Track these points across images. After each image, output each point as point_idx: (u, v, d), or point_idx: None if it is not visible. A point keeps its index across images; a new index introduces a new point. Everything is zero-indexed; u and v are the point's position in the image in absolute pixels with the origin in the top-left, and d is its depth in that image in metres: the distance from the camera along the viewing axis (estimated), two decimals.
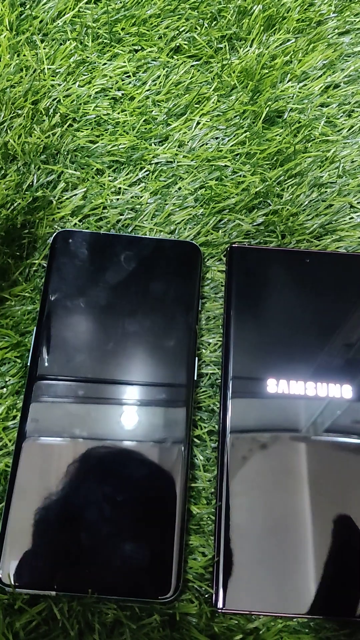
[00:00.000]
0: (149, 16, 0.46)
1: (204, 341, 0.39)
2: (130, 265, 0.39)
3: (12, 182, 0.41)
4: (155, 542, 0.32)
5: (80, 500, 0.33)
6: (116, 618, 0.32)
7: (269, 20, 0.47)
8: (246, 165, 0.43)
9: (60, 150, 0.42)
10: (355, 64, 0.47)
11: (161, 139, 0.44)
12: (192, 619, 0.32)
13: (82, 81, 0.44)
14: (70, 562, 0.32)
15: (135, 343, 0.37)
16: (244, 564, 0.33)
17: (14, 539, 0.32)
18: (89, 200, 0.41)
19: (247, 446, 0.35)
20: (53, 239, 0.39)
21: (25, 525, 0.32)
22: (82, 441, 0.34)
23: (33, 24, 0.45)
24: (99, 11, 0.46)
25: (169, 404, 0.36)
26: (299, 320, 0.38)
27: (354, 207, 0.43)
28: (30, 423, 0.34)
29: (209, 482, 0.35)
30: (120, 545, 0.32)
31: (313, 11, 0.48)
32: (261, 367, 0.37)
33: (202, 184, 0.42)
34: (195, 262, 0.39)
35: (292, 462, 0.35)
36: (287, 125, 0.44)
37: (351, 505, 0.34)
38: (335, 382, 0.37)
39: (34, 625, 0.31)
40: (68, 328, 0.37)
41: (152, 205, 0.41)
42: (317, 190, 0.43)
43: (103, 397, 0.36)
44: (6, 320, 0.37)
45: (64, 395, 0.35)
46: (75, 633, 0.31)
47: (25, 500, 0.33)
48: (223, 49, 0.46)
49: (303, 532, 0.33)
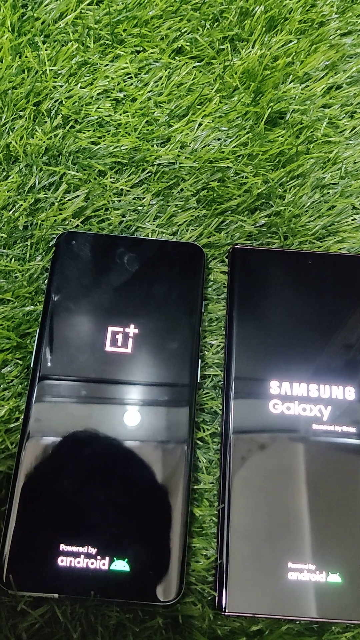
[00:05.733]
0: (150, 17, 0.46)
1: (207, 343, 0.39)
2: (133, 267, 0.39)
3: (14, 184, 0.41)
4: (158, 545, 0.32)
5: (83, 501, 0.33)
6: (119, 621, 0.32)
7: (271, 21, 0.47)
8: (248, 166, 0.43)
9: (62, 151, 0.42)
10: (357, 64, 0.47)
11: (163, 141, 0.43)
12: (195, 621, 0.32)
13: (84, 82, 0.44)
14: (73, 564, 0.32)
15: (138, 344, 0.37)
16: (247, 566, 0.33)
17: (16, 541, 0.32)
18: (91, 202, 0.41)
19: (250, 448, 0.35)
20: (57, 240, 0.39)
21: (28, 526, 0.32)
22: (84, 442, 0.34)
23: (35, 26, 0.45)
24: (101, 12, 0.46)
25: (172, 405, 0.35)
26: (302, 322, 0.38)
27: (356, 208, 0.43)
28: (34, 423, 0.34)
29: (211, 484, 0.35)
30: (123, 548, 0.32)
31: (315, 12, 0.48)
32: (264, 369, 0.37)
33: (204, 186, 0.42)
34: (199, 263, 0.39)
35: (295, 464, 0.35)
36: (290, 126, 0.44)
37: (355, 507, 0.34)
38: (338, 384, 0.37)
39: (37, 627, 0.31)
40: (71, 329, 0.37)
41: (154, 206, 0.41)
42: (319, 191, 0.43)
43: (106, 398, 0.36)
44: (8, 322, 0.37)
45: (66, 395, 0.35)
46: (78, 636, 0.31)
47: (27, 502, 0.33)
48: (225, 50, 0.46)
49: (306, 534, 0.33)
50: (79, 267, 0.39)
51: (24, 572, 0.32)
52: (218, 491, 0.35)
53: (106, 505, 0.33)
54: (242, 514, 0.34)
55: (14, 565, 0.32)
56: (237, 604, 0.32)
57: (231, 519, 0.34)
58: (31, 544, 0.32)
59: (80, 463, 0.34)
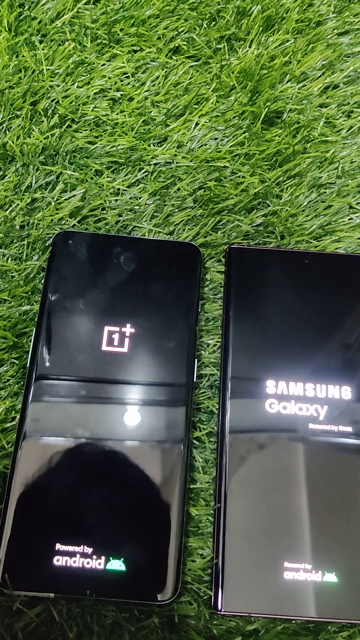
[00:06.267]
0: (147, 17, 0.46)
1: (203, 342, 0.39)
2: (130, 267, 0.39)
3: (11, 183, 0.41)
4: (154, 544, 0.32)
5: (78, 501, 0.33)
6: (115, 620, 0.32)
7: (268, 20, 0.47)
8: (245, 166, 0.43)
9: (59, 151, 0.42)
10: (354, 64, 0.47)
11: (160, 140, 0.43)
12: (191, 621, 0.32)
13: (81, 82, 0.44)
14: (69, 564, 0.32)
15: (134, 344, 0.37)
16: (243, 566, 0.33)
17: (12, 540, 0.32)
18: (87, 202, 0.41)
19: (246, 447, 0.35)
20: (53, 239, 0.39)
21: (24, 526, 0.32)
22: (80, 442, 0.34)
23: (32, 25, 0.45)
24: (98, 12, 0.46)
25: (169, 405, 0.35)
26: (298, 321, 0.38)
27: (353, 207, 0.43)
28: (30, 423, 0.34)
29: (207, 484, 0.35)
30: (118, 547, 0.32)
31: (312, 11, 0.48)
32: (260, 368, 0.37)
33: (201, 185, 0.42)
34: (195, 263, 0.39)
35: (291, 464, 0.35)
36: (286, 125, 0.44)
37: (350, 506, 0.34)
38: (335, 383, 0.37)
39: (33, 627, 0.31)
40: (67, 328, 0.37)
41: (151, 206, 0.41)
42: (316, 191, 0.43)
43: (102, 398, 0.36)
44: (4, 321, 0.37)
45: (63, 395, 0.35)
46: (74, 635, 0.31)
47: (23, 501, 0.33)
48: (222, 50, 0.46)
49: (302, 533, 0.33)
50: (75, 267, 0.39)
51: (19, 571, 0.32)
52: (214, 490, 0.35)
53: (102, 505, 0.33)
54: (238, 513, 0.34)
55: (10, 564, 0.32)
56: (233, 603, 0.32)
57: (227, 519, 0.34)
58: (27, 543, 0.32)
59: (76, 462, 0.34)
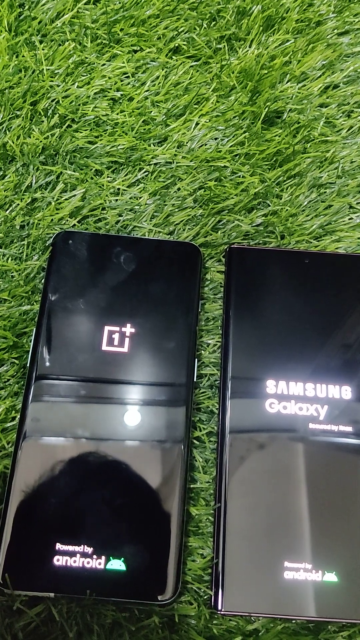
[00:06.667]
0: (147, 17, 0.46)
1: (203, 342, 0.39)
2: (130, 266, 0.39)
3: (11, 183, 0.41)
4: (154, 544, 0.32)
5: (79, 500, 0.33)
6: (115, 620, 0.32)
7: (268, 20, 0.47)
8: (245, 165, 0.43)
9: (59, 151, 0.42)
10: (354, 64, 0.47)
11: (160, 140, 0.43)
12: (191, 620, 0.32)
13: (81, 82, 0.44)
14: (69, 563, 0.32)
15: (134, 344, 0.37)
16: (243, 566, 0.33)
17: (12, 540, 0.32)
18: (87, 201, 0.41)
19: (246, 447, 0.35)
20: (53, 239, 0.39)
21: (24, 525, 0.32)
22: (80, 442, 0.34)
23: (32, 25, 0.45)
24: (98, 12, 0.46)
25: (169, 404, 0.35)
26: (298, 321, 0.38)
27: (353, 207, 0.43)
28: (30, 423, 0.34)
29: (207, 484, 0.35)
30: (119, 547, 0.32)
31: (312, 11, 0.48)
32: (260, 368, 0.37)
33: (201, 185, 0.42)
34: (195, 263, 0.39)
35: (291, 463, 0.35)
36: (287, 125, 0.44)
37: (350, 506, 0.34)
38: (335, 383, 0.37)
39: (33, 626, 0.31)
40: (68, 328, 0.37)
41: (151, 206, 0.41)
42: (316, 190, 0.43)
43: (103, 398, 0.36)
44: (4, 321, 0.37)
45: (63, 395, 0.35)
46: (74, 635, 0.31)
47: (23, 501, 0.33)
48: (222, 50, 0.46)
49: (302, 533, 0.33)
50: (75, 267, 0.39)
51: (20, 571, 0.32)
52: (214, 490, 0.35)
53: (102, 505, 0.33)
54: (238, 513, 0.34)
55: (10, 564, 0.32)
56: (233, 603, 0.32)
57: (227, 518, 0.34)
58: (27, 543, 0.32)
59: (76, 462, 0.34)
